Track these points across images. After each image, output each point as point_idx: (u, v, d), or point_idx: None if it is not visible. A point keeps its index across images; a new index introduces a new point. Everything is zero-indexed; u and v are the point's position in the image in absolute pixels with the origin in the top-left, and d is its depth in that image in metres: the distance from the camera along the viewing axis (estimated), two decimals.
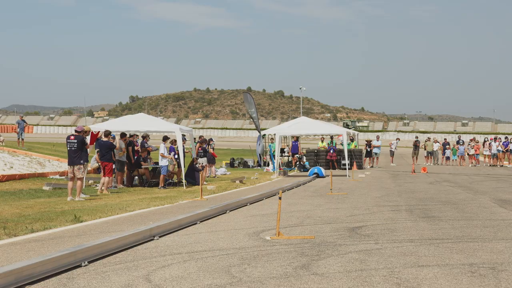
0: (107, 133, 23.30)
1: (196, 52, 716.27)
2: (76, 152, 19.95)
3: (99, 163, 23.73)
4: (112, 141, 24.09)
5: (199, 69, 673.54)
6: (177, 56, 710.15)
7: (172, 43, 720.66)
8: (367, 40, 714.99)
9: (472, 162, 48.22)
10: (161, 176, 25.03)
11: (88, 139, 23.12)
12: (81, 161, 19.96)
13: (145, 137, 27.44)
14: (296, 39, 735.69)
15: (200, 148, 30.61)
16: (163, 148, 25.20)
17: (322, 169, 33.15)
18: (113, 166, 23.31)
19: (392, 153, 48.63)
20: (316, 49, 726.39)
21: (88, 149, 20.62)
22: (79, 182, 19.85)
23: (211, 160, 32.69)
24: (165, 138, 25.84)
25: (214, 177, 32.57)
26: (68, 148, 20.10)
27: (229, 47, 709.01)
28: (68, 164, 20.32)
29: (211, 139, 35.42)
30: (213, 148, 35.06)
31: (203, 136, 32.97)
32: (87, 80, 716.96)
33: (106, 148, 22.86)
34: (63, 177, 27.73)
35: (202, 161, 29.49)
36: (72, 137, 20.15)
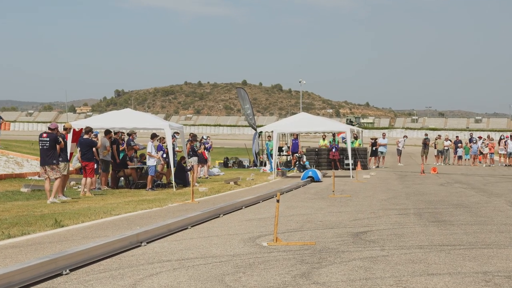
0: (88, 130, 23.21)
1: (187, 42, 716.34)
2: (49, 151, 19.80)
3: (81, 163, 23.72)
4: (94, 138, 24.06)
5: (190, 61, 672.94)
6: (167, 47, 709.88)
7: (161, 33, 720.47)
8: (373, 30, 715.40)
9: (486, 162, 48.31)
10: (149, 177, 25.02)
11: (69, 136, 23.14)
12: (54, 161, 19.81)
13: (131, 134, 27.42)
14: (296, 28, 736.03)
15: (189, 148, 30.54)
16: (150, 147, 25.18)
17: (318, 172, 31.62)
18: (95, 166, 23.23)
19: (399, 152, 48.71)
20: (317, 39, 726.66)
21: (68, 148, 20.58)
22: (56, 182, 19.77)
23: (203, 160, 32.67)
24: (153, 136, 25.81)
25: (207, 178, 32.58)
26: (40, 147, 19.97)
27: (222, 37, 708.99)
28: (40, 164, 20.26)
29: (203, 138, 35.41)
30: (206, 148, 35.00)
31: (193, 134, 32.88)
32: (68, 73, 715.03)
33: (86, 147, 22.77)
34: (42, 178, 27.70)
35: (192, 160, 29.44)
36: (44, 134, 20.01)
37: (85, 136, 23.08)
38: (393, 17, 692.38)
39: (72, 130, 24.50)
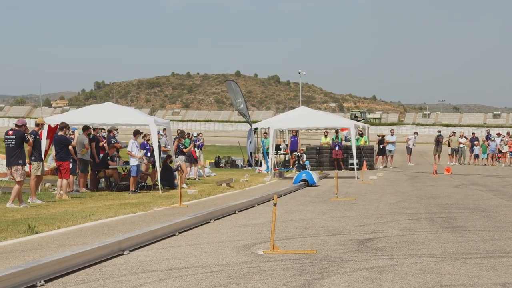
0: (63, 126, 23.11)
1: (174, 29, 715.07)
2: (14, 150, 19.62)
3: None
4: (72, 135, 23.99)
5: (178, 49, 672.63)
6: (152, 34, 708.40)
7: (146, 18, 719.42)
8: (380, 15, 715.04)
9: (505, 162, 48.38)
10: (132, 179, 25.00)
11: (44, 133, 23.08)
12: (20, 161, 19.61)
13: (111, 130, 27.40)
14: (294, 13, 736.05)
15: (177, 146, 30.47)
16: (131, 145, 25.11)
17: (314, 174, 30.15)
18: (70, 166, 23.13)
19: (409, 151, 48.74)
20: (318, 25, 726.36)
21: (43, 146, 20.51)
22: (16, 186, 19.56)
23: (192, 159, 32.63)
24: (135, 133, 25.76)
25: (196, 179, 32.54)
26: (6, 145, 19.82)
27: (213, 23, 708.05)
28: (6, 165, 20.17)
29: (192, 135, 35.32)
30: (198, 146, 34.93)
31: (181, 130, 32.85)
32: (43, 64, 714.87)
33: (59, 144, 22.65)
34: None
35: (179, 160, 29.40)
36: (10, 132, 19.78)
37: (60, 133, 22.96)
38: (402, 1, 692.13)
39: (47, 127, 24.49)
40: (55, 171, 27.56)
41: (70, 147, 23.05)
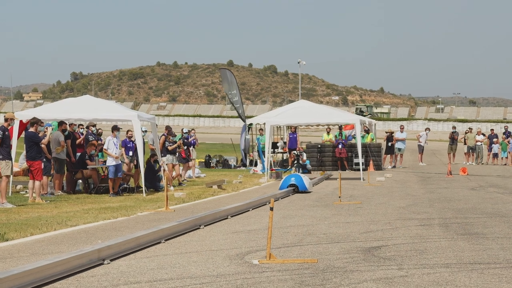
0: (34, 122, 23.01)
1: (160, 14, 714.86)
2: None
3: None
4: (45, 132, 23.89)
5: (164, 36, 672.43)
6: (135, 20, 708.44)
7: (128, 3, 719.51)
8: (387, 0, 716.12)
9: None
10: (109, 181, 24.96)
11: (15, 129, 23.03)
12: None
13: (89, 126, 27.36)
14: None
15: (162, 143, 30.29)
16: (108, 142, 25.02)
17: (305, 178, 27.78)
18: (42, 166, 23.03)
19: (421, 149, 48.71)
20: (319, 11, 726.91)
21: (14, 143, 20.48)
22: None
23: (182, 159, 32.45)
24: (114, 128, 25.65)
25: (184, 180, 32.36)
26: None
27: (204, 7, 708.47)
28: None
29: (184, 131, 35.17)
30: (189, 144, 34.76)
31: (169, 127, 32.76)
32: (14, 53, 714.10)
33: (29, 142, 22.54)
34: None
35: (165, 159, 29.26)
36: None
37: (31, 129, 22.84)
38: None
39: (19, 122, 24.42)
40: (27, 172, 27.51)
41: (43, 145, 23.00)
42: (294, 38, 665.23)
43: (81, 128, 28.80)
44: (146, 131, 30.01)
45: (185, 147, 33.07)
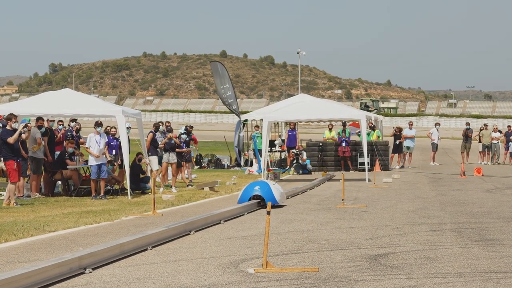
0: (9, 118, 22.98)
1: (147, 1, 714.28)
2: None
3: None
4: (21, 129, 23.86)
5: (151, 25, 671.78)
6: (119, 7, 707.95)
7: None
8: None
9: None
10: (93, 181, 24.94)
11: None
12: None
13: (65, 122, 27.34)
14: None
15: (150, 141, 30.07)
16: (89, 140, 24.98)
17: (277, 188, 22.96)
18: (15, 166, 22.92)
19: (435, 147, 48.58)
20: None
21: None
22: None
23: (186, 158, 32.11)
24: (97, 124, 25.61)
25: (190, 182, 32.07)
26: None
27: None
28: None
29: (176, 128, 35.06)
30: (185, 142, 34.47)
31: (157, 123, 32.66)
32: None
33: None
34: None
35: (152, 159, 29.09)
36: None
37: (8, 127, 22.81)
38: None
39: None
40: (1, 172, 27.44)
41: (15, 143, 22.89)
42: (293, 26, 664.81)
43: (60, 125, 28.77)
44: (130, 127, 29.92)
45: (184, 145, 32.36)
